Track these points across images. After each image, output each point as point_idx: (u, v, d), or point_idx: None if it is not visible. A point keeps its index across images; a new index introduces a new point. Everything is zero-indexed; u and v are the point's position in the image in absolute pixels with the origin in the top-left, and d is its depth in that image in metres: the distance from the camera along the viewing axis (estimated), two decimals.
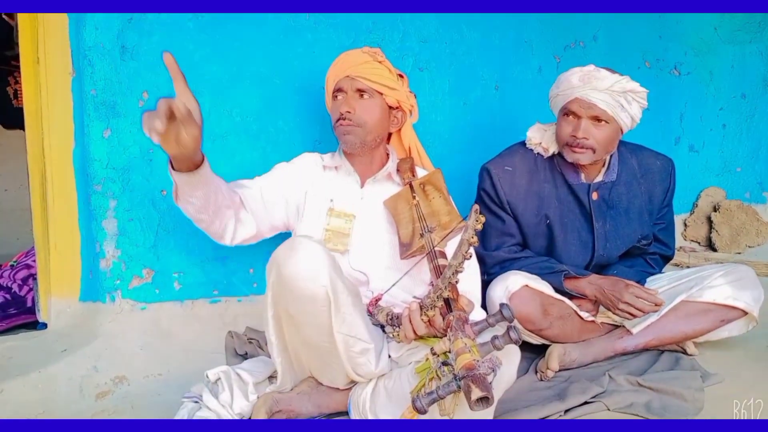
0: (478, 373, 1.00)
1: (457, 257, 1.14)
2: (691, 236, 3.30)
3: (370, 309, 1.49)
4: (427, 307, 1.25)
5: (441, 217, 1.53)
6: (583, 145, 1.80)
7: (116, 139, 1.90)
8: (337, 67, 1.71)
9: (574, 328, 1.89)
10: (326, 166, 1.77)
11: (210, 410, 1.47)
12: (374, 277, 1.65)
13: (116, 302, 1.95)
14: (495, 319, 1.15)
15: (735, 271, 1.89)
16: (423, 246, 1.47)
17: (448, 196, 1.61)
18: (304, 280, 1.29)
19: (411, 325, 1.31)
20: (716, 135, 3.28)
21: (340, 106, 1.68)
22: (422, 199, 1.60)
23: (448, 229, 1.46)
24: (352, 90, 1.68)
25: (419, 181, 1.67)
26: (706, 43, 3.16)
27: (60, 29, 1.88)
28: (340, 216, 1.69)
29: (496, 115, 2.60)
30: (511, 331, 1.11)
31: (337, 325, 1.35)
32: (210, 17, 1.98)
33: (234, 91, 2.05)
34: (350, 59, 1.70)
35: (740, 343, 2.01)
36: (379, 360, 1.46)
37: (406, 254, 1.51)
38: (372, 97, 1.68)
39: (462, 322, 1.16)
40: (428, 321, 1.28)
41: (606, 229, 1.94)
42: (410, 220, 1.57)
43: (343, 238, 1.67)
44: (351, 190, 1.74)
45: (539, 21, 2.65)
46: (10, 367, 1.76)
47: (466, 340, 1.09)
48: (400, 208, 1.63)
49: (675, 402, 1.62)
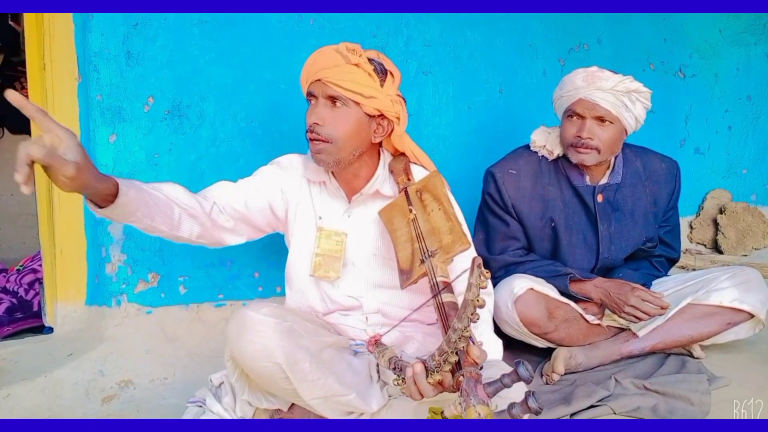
0: None
1: (463, 320, 1.02)
2: (697, 239, 3.29)
3: (371, 349, 1.35)
4: (433, 370, 1.11)
5: (442, 237, 1.37)
6: (588, 146, 1.80)
7: (122, 144, 1.91)
8: (308, 69, 1.47)
9: (579, 332, 1.89)
10: (311, 180, 1.59)
11: (214, 414, 1.48)
12: (367, 299, 1.56)
13: (122, 306, 1.95)
14: (510, 380, 1.03)
15: (741, 273, 1.88)
16: (425, 273, 1.33)
17: (449, 206, 1.42)
18: (258, 360, 1.27)
19: (416, 387, 1.15)
20: (722, 137, 3.27)
21: (309, 115, 1.46)
22: (420, 212, 1.43)
23: (450, 252, 1.32)
24: (324, 96, 1.44)
25: (415, 187, 1.48)
26: (711, 46, 3.15)
27: (66, 35, 1.89)
28: (330, 237, 1.54)
29: (501, 119, 2.60)
30: (529, 399, 0.98)
31: (307, 392, 1.31)
32: (215, 22, 1.98)
33: (239, 96, 2.05)
34: (321, 60, 1.44)
35: (747, 346, 2.00)
36: (373, 397, 1.39)
37: (407, 283, 1.37)
38: (346, 106, 1.43)
39: (474, 382, 1.04)
40: (436, 382, 1.14)
41: (611, 231, 1.93)
42: (408, 240, 1.42)
43: (334, 263, 1.53)
44: (337, 207, 1.58)
45: (543, 24, 2.65)
46: (17, 372, 1.77)
47: (480, 409, 0.97)
48: (396, 223, 1.47)
49: (682, 405, 1.62)
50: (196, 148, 2.00)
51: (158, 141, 1.95)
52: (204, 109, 2.00)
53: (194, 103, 1.98)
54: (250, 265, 2.11)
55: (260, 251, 2.09)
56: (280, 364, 1.26)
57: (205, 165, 2.01)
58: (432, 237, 1.37)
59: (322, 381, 1.32)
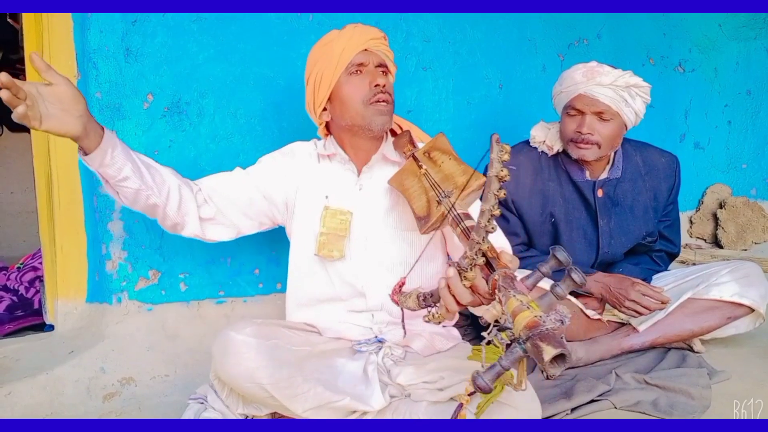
0: (546, 329, 0.81)
1: (489, 200, 0.96)
2: (697, 233, 3.29)
3: (395, 298, 1.31)
4: (466, 267, 1.03)
5: (456, 179, 1.32)
6: (588, 141, 1.80)
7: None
8: (354, 39, 1.53)
9: (580, 327, 1.89)
10: (321, 154, 1.62)
11: (215, 411, 1.48)
12: (373, 286, 1.54)
13: (123, 304, 1.96)
14: (548, 267, 0.97)
15: (741, 268, 1.88)
16: (443, 213, 1.27)
17: (458, 157, 1.40)
18: (243, 381, 1.33)
19: (451, 295, 1.08)
20: (721, 132, 3.27)
21: (375, 79, 1.50)
22: (430, 167, 1.41)
23: (468, 188, 1.26)
24: (374, 65, 1.54)
25: (423, 150, 1.48)
26: (711, 40, 3.15)
27: (64, 32, 1.88)
28: (336, 215, 1.54)
29: (500, 114, 2.60)
30: (573, 273, 0.92)
31: (298, 406, 1.33)
32: (213, 19, 1.98)
33: (238, 93, 2.05)
34: (369, 32, 1.55)
35: (747, 340, 2.00)
36: (372, 396, 1.38)
37: (426, 227, 1.31)
38: (388, 74, 1.59)
39: (510, 280, 0.97)
40: (470, 286, 1.06)
41: (611, 226, 1.94)
42: (422, 192, 1.38)
43: (338, 242, 1.53)
44: (347, 181, 1.59)
45: (543, 19, 2.65)
46: (18, 369, 1.77)
47: (521, 297, 0.89)
48: (408, 184, 1.44)
49: (682, 399, 1.62)
50: (195, 145, 2.00)
51: (158, 138, 1.94)
52: (203, 105, 2.00)
53: (194, 99, 1.98)
54: (250, 261, 2.12)
55: (261, 248, 2.10)
56: (264, 386, 1.31)
57: (205, 162, 2.01)
58: (446, 182, 1.34)
59: (312, 392, 1.34)
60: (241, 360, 1.32)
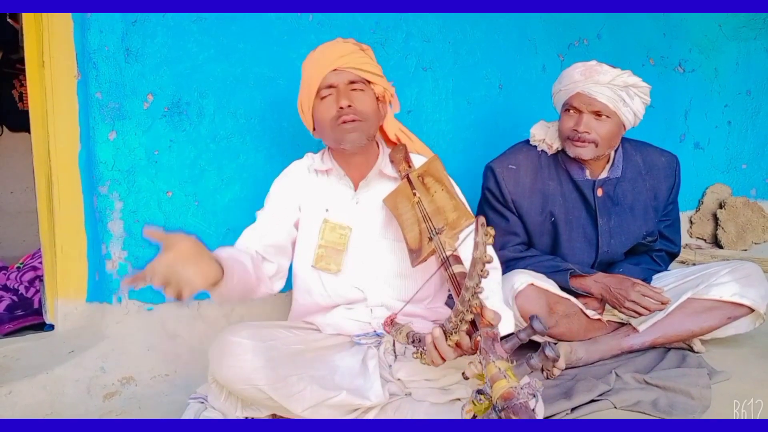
0: (519, 403, 0.92)
1: (473, 278, 1.05)
2: (697, 233, 3.29)
3: (387, 330, 1.39)
4: (451, 332, 1.15)
5: (447, 215, 1.41)
6: (585, 140, 1.80)
7: (122, 141, 1.90)
8: (321, 62, 1.53)
9: (580, 327, 1.89)
10: (318, 170, 1.62)
11: (216, 410, 1.48)
12: (372, 292, 1.56)
13: (123, 303, 1.95)
14: (526, 334, 1.08)
15: (741, 268, 1.88)
16: (434, 250, 1.36)
17: (450, 187, 1.47)
18: (240, 383, 1.33)
19: (437, 351, 1.19)
20: (721, 132, 3.27)
21: (338, 101, 1.50)
22: (423, 195, 1.48)
23: (457, 228, 1.36)
24: (344, 83, 1.52)
25: (417, 172, 1.53)
26: (711, 40, 3.15)
27: (65, 32, 1.89)
28: (335, 229, 1.55)
29: (500, 114, 2.60)
30: (546, 349, 1.02)
31: (297, 406, 1.33)
32: (213, 19, 1.98)
33: (238, 93, 2.05)
34: (335, 51, 1.53)
35: (747, 340, 2.00)
36: (370, 390, 1.38)
37: (417, 261, 1.39)
38: (364, 89, 1.54)
39: (491, 341, 1.08)
40: (455, 344, 1.18)
41: (610, 225, 1.94)
42: (415, 221, 1.45)
43: (337, 256, 1.54)
44: (344, 196, 1.60)
45: (543, 20, 2.65)
46: (18, 369, 1.77)
47: (499, 364, 1.01)
48: (402, 208, 1.50)
49: (682, 399, 1.62)
50: (195, 145, 2.00)
51: (158, 138, 1.95)
52: (203, 105, 2.00)
53: (194, 100, 1.98)
54: None
55: None
56: (262, 387, 1.32)
57: (205, 162, 2.01)
58: (437, 216, 1.42)
59: (308, 390, 1.34)
60: (238, 362, 1.33)
